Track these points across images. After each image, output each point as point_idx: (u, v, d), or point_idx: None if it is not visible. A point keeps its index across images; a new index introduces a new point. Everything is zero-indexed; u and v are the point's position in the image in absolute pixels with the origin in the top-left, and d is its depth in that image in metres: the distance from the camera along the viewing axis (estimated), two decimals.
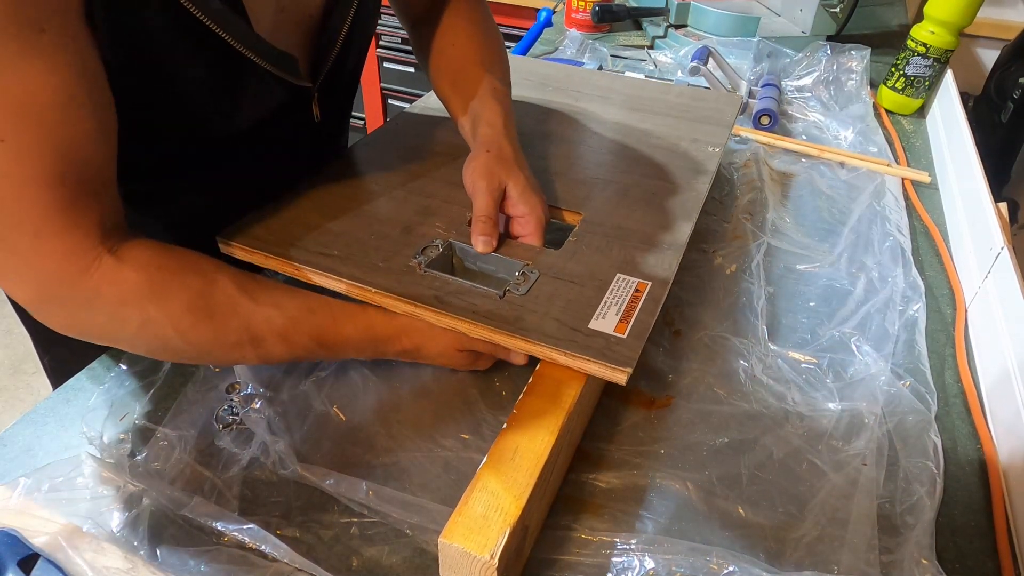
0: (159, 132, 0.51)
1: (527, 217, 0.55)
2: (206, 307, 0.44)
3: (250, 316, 0.45)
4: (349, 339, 0.49)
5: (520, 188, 0.56)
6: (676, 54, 1.16)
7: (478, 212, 0.55)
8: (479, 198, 0.55)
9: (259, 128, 0.56)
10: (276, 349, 0.47)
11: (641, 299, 0.50)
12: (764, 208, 0.77)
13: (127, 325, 0.43)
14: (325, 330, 0.48)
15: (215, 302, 0.45)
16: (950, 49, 0.99)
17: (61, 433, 0.50)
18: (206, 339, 0.45)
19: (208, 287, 0.45)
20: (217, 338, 0.45)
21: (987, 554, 0.46)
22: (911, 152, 0.97)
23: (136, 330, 0.43)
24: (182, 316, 0.43)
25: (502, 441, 0.42)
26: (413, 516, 0.44)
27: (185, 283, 0.44)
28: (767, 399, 0.55)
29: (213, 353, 0.47)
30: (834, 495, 0.48)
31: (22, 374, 1.77)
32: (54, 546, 0.41)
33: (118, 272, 0.42)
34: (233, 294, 0.45)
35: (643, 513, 0.46)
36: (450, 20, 0.68)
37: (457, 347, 0.51)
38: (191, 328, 0.44)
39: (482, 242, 0.54)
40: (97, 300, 0.42)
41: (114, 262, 0.42)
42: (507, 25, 1.76)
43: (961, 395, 0.58)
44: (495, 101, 0.62)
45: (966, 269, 0.71)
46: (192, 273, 0.45)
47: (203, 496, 0.45)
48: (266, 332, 0.46)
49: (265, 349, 0.46)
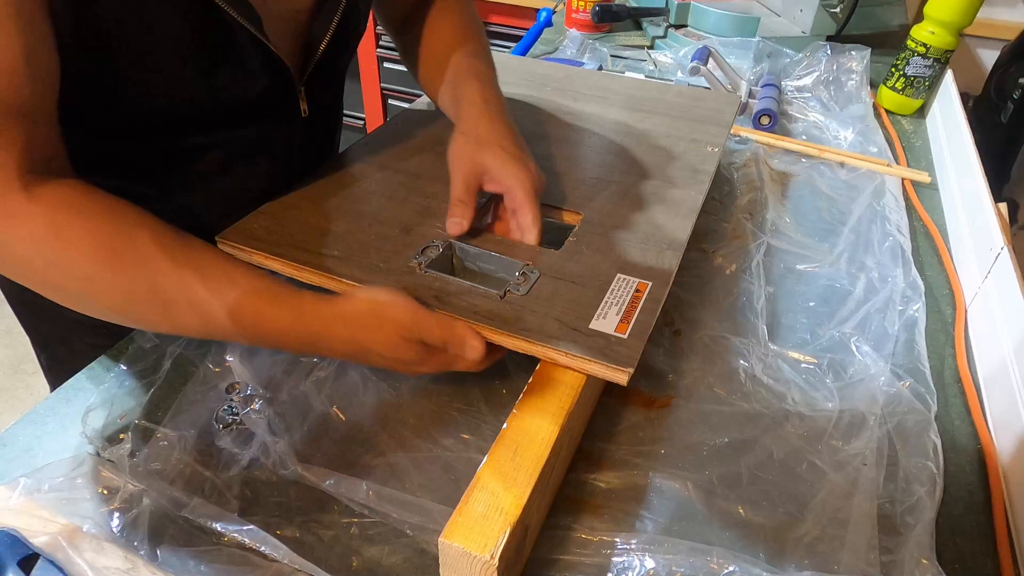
0: (148, 111, 0.50)
1: (512, 190, 0.54)
2: (111, 257, 0.41)
3: (160, 275, 0.42)
4: (272, 323, 0.44)
5: (499, 161, 0.54)
6: (676, 54, 1.16)
7: (451, 196, 0.55)
8: (452, 183, 0.55)
9: (249, 119, 0.55)
10: (188, 319, 0.43)
11: (641, 299, 0.50)
12: (764, 208, 0.77)
13: (32, 266, 0.41)
14: (243, 308, 0.43)
15: (122, 254, 0.41)
16: (950, 49, 0.99)
17: (61, 433, 0.50)
18: (110, 293, 0.42)
19: (118, 236, 0.42)
20: (122, 293, 0.42)
21: (987, 554, 0.46)
22: (911, 152, 0.97)
23: (42, 273, 0.41)
24: (83, 263, 0.41)
25: (502, 441, 0.42)
26: (413, 516, 0.44)
27: (92, 228, 0.41)
28: (767, 399, 0.55)
29: (122, 309, 0.44)
30: (834, 495, 0.48)
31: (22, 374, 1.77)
32: (54, 546, 0.41)
33: (23, 207, 0.40)
34: (147, 249, 0.42)
35: (643, 513, 0.46)
36: (432, 19, 0.69)
37: (403, 334, 0.45)
38: (92, 277, 0.41)
39: (450, 223, 0.54)
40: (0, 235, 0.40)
41: (23, 198, 0.40)
42: (507, 25, 1.76)
43: (961, 395, 0.58)
44: (473, 79, 0.62)
45: (966, 269, 0.71)
46: (105, 219, 0.42)
47: (203, 496, 0.45)
48: (177, 296, 0.42)
49: (176, 316, 0.43)
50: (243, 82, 0.53)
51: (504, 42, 1.79)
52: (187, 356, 0.55)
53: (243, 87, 0.53)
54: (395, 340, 0.45)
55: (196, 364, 0.54)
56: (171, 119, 0.52)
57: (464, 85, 0.61)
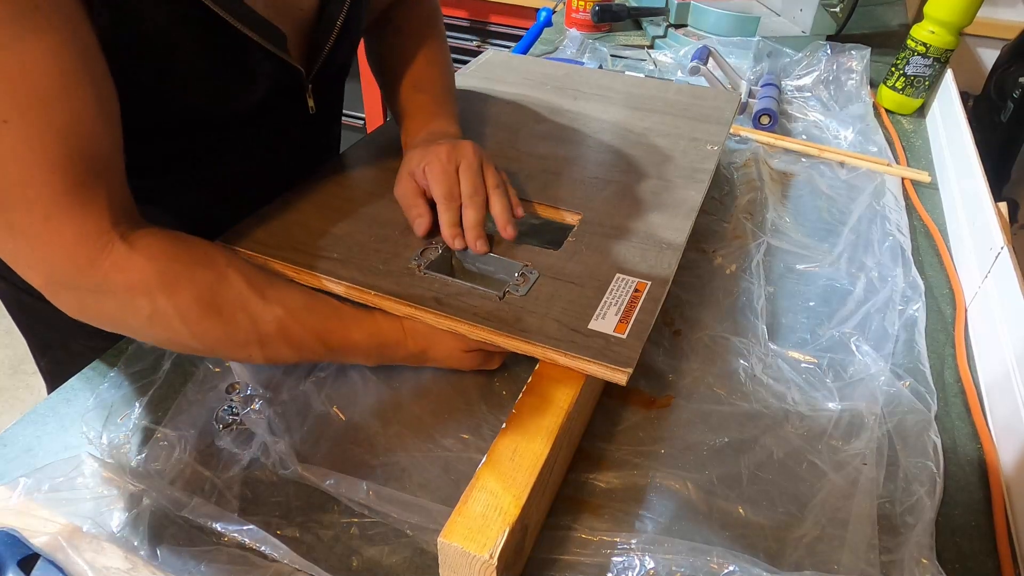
0: (158, 117, 0.51)
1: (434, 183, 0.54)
2: (214, 302, 0.44)
3: (258, 314, 0.45)
4: (356, 344, 0.49)
5: (414, 163, 0.56)
6: (676, 54, 1.16)
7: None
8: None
9: (257, 117, 0.56)
10: (282, 349, 0.47)
11: (641, 299, 0.50)
12: (764, 208, 0.77)
13: (137, 314, 0.43)
14: (332, 333, 0.48)
15: (224, 298, 0.44)
16: (950, 49, 0.99)
17: (61, 433, 0.50)
18: (213, 335, 0.45)
19: (218, 282, 0.44)
20: (225, 334, 0.45)
21: (987, 554, 0.46)
22: (911, 152, 0.97)
23: (145, 320, 0.43)
24: (190, 309, 0.43)
25: (501, 441, 0.42)
26: (413, 516, 0.44)
27: (195, 276, 0.44)
28: (767, 399, 0.55)
29: (220, 349, 0.47)
30: (834, 495, 0.48)
31: (22, 374, 1.77)
32: (54, 546, 0.41)
33: (129, 259, 0.41)
34: (243, 290, 0.45)
35: (643, 513, 0.46)
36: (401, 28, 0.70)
37: (463, 348, 0.51)
38: (198, 322, 0.44)
39: (415, 227, 0.55)
40: (106, 287, 0.41)
41: (125, 249, 0.41)
42: (507, 25, 1.76)
43: (961, 395, 0.58)
44: (419, 95, 0.65)
45: (966, 269, 0.71)
46: (203, 266, 0.44)
47: (203, 496, 0.45)
48: (273, 331, 0.46)
49: (271, 349, 0.46)
50: (257, 88, 0.54)
51: (504, 42, 1.79)
52: (187, 356, 0.55)
53: (257, 92, 0.54)
54: (458, 354, 0.51)
55: (196, 364, 0.54)
56: (183, 123, 0.53)
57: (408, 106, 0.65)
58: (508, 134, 0.72)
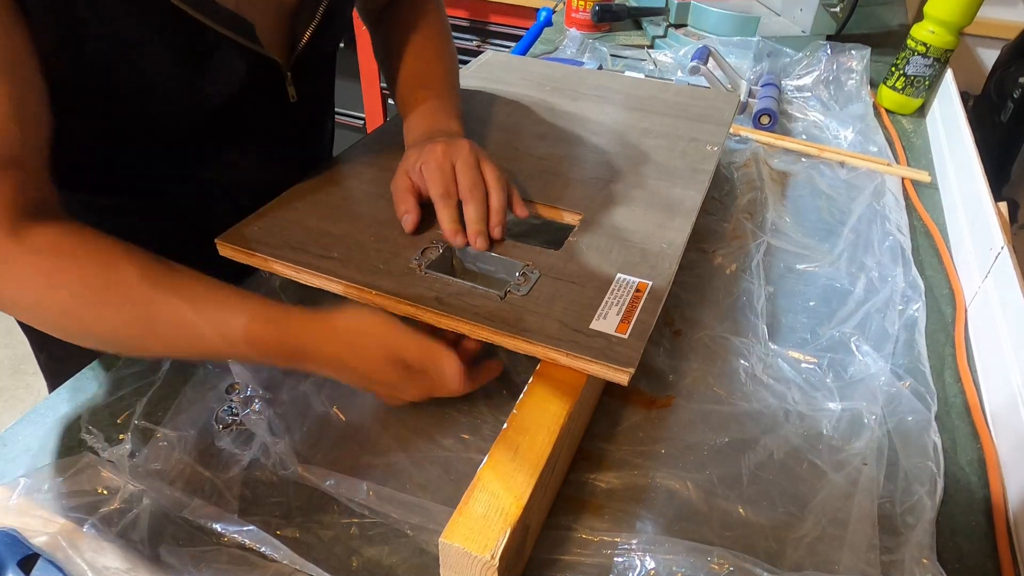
0: (137, 118, 0.51)
1: (431, 180, 0.54)
2: (99, 296, 0.43)
3: (148, 305, 0.43)
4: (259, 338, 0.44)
5: (411, 161, 0.56)
6: (676, 54, 1.16)
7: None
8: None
9: (235, 108, 0.55)
10: (179, 343, 0.45)
11: (642, 299, 0.50)
12: (764, 208, 0.77)
13: (20, 306, 0.43)
14: (231, 326, 0.44)
15: (109, 291, 0.43)
16: (950, 49, 0.99)
17: (61, 433, 0.50)
18: (97, 326, 0.44)
19: (104, 274, 0.43)
20: (110, 327, 0.44)
21: (987, 554, 0.46)
22: (911, 152, 0.97)
23: (30, 312, 0.44)
24: (70, 303, 0.43)
25: (502, 441, 0.42)
26: (413, 516, 0.44)
27: (80, 270, 0.43)
28: (767, 399, 0.55)
29: (112, 340, 0.46)
30: (834, 495, 0.48)
31: (22, 374, 1.77)
32: (54, 546, 0.41)
33: (11, 252, 0.42)
34: (132, 283, 0.43)
35: (643, 513, 0.46)
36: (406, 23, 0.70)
37: (385, 354, 0.45)
38: (82, 315, 0.43)
39: (404, 224, 0.55)
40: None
41: (12, 244, 0.41)
42: (507, 25, 1.76)
43: (961, 395, 0.58)
44: (422, 91, 0.64)
45: (966, 269, 0.71)
46: (91, 260, 0.43)
47: (203, 497, 0.45)
48: (165, 322, 0.44)
49: (168, 341, 0.44)
50: (231, 80, 0.53)
51: (504, 42, 1.79)
52: None
53: (231, 84, 0.54)
54: (379, 361, 0.45)
55: (196, 364, 0.54)
56: (156, 121, 0.53)
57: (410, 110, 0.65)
58: (508, 134, 0.72)
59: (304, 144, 0.67)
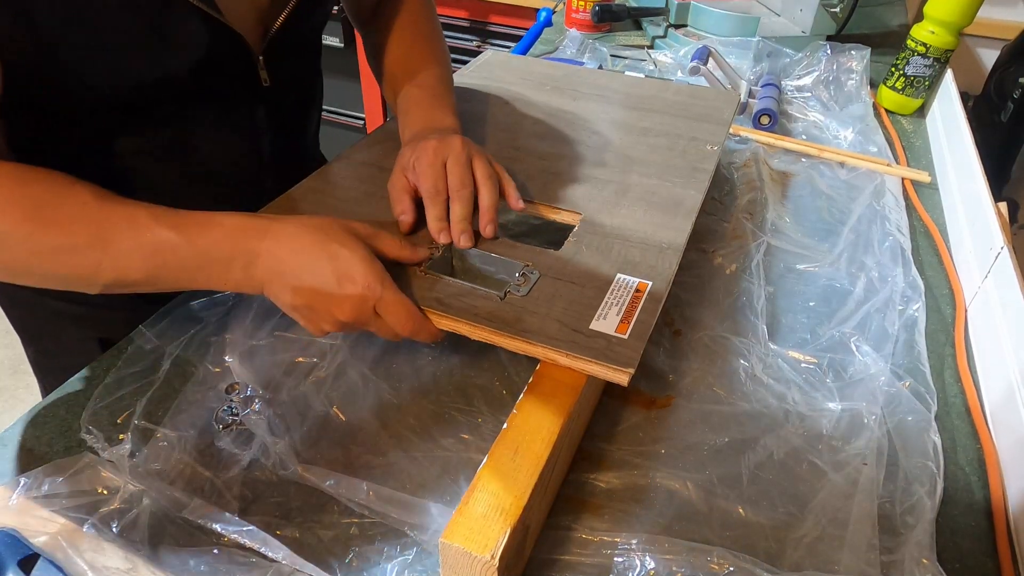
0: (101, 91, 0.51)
1: (422, 177, 0.54)
2: (52, 213, 0.43)
3: (102, 222, 0.44)
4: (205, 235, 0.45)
5: (405, 159, 0.56)
6: (676, 54, 1.16)
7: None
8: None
9: (200, 83, 0.55)
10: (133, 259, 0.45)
11: (642, 299, 0.50)
12: (764, 208, 0.77)
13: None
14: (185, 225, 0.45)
15: (63, 209, 0.43)
16: (950, 49, 0.99)
17: (61, 433, 0.50)
18: (50, 247, 0.43)
19: (59, 193, 0.43)
20: (65, 247, 0.44)
21: (987, 554, 0.46)
22: (911, 152, 0.97)
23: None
24: (22, 225, 0.42)
25: (502, 441, 0.42)
26: (413, 516, 0.44)
27: (28, 192, 0.43)
28: (767, 399, 0.55)
29: (64, 265, 0.45)
30: (834, 495, 0.48)
31: (22, 374, 1.77)
32: (54, 546, 0.41)
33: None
34: (87, 199, 0.44)
35: (643, 513, 0.46)
36: (396, 23, 0.69)
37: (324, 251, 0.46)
38: (35, 237, 0.43)
39: (399, 222, 0.55)
40: None
41: None
42: (507, 25, 1.76)
43: (961, 395, 0.58)
44: (416, 89, 0.64)
45: (966, 269, 0.71)
46: (43, 183, 0.44)
47: (203, 497, 0.45)
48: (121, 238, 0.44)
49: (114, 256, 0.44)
50: (190, 46, 0.52)
51: (504, 42, 1.79)
52: (187, 356, 0.55)
53: (191, 51, 0.53)
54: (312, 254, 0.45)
55: (196, 364, 0.54)
56: (117, 98, 0.52)
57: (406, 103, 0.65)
58: (508, 134, 0.72)
59: (282, 133, 0.66)
